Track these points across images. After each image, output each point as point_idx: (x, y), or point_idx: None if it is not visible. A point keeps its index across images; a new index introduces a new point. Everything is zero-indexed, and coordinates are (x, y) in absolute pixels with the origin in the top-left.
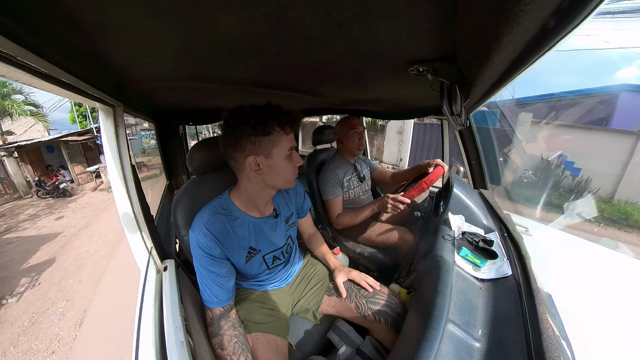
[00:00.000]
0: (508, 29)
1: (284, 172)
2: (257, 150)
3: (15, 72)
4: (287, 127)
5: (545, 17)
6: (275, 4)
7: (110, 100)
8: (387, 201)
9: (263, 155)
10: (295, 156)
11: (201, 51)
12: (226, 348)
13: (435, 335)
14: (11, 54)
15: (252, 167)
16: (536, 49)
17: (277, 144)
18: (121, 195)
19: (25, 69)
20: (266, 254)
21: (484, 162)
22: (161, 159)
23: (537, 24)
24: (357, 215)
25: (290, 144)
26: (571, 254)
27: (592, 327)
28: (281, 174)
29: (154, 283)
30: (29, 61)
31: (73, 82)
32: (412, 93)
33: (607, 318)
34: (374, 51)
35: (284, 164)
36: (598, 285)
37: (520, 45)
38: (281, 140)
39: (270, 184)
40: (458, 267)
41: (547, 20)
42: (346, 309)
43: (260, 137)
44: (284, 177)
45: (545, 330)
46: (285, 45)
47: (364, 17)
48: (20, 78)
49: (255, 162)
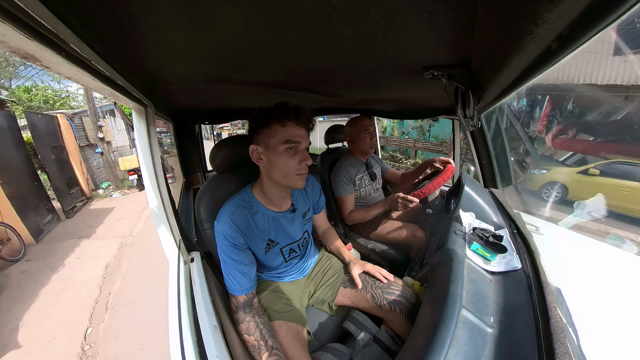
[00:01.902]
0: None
1: (282, 166)
2: (258, 140)
3: (83, 74)
4: (285, 120)
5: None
6: (312, 17)
7: (144, 100)
8: (397, 199)
9: (263, 146)
10: (300, 153)
11: (230, 56)
12: (253, 334)
13: (451, 319)
14: (88, 58)
15: (255, 157)
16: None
17: (273, 135)
18: (152, 191)
19: (93, 72)
20: (284, 246)
21: (495, 162)
22: (178, 157)
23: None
24: (368, 212)
25: (287, 136)
26: (580, 252)
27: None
28: (279, 167)
29: (184, 273)
30: (99, 65)
31: (124, 85)
32: (425, 94)
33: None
34: (394, 58)
35: (283, 158)
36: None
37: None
38: (277, 132)
39: (272, 178)
40: (469, 260)
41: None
42: (362, 300)
43: (260, 128)
44: (282, 171)
45: (553, 317)
46: (312, 53)
47: (389, 29)
48: (83, 80)
49: (257, 151)
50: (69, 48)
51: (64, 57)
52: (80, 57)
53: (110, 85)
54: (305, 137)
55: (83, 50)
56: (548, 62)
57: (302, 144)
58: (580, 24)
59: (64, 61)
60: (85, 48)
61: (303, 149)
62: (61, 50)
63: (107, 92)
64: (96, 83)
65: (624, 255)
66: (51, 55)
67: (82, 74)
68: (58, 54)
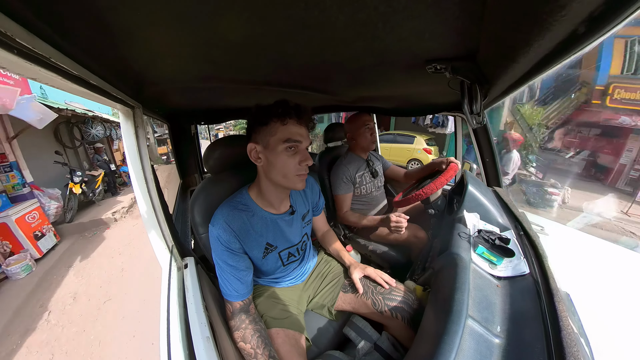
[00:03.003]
0: (539, 36)
1: (282, 166)
2: (257, 139)
3: (47, 73)
4: (286, 118)
5: (576, 24)
6: (303, 4)
7: (130, 102)
8: (391, 221)
9: (262, 145)
10: (300, 153)
11: (218, 53)
12: (249, 341)
13: (456, 330)
14: (46, 55)
15: (253, 156)
16: (563, 52)
17: (273, 134)
18: (142, 195)
19: (57, 71)
20: (282, 250)
21: (498, 160)
22: (174, 158)
23: (567, 30)
24: (361, 221)
25: (287, 135)
26: (590, 254)
27: (610, 327)
28: (278, 167)
29: (176, 280)
30: (63, 63)
31: (99, 84)
32: (427, 90)
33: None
34: (394, 49)
35: (282, 158)
36: (618, 286)
37: (548, 49)
38: (277, 130)
39: (270, 178)
40: (474, 265)
41: (578, 27)
42: (362, 305)
43: (259, 126)
44: (281, 171)
45: (565, 327)
46: (305, 45)
47: (389, 17)
48: (51, 80)
49: (255, 150)
50: (18, 44)
51: (17, 54)
52: (35, 54)
53: (83, 85)
54: (306, 137)
55: (37, 47)
56: (571, 49)
57: (303, 143)
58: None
59: (19, 59)
60: (41, 43)
61: (303, 148)
62: (10, 48)
63: (82, 93)
64: (66, 84)
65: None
66: (1, 52)
67: (46, 73)
68: (8, 51)
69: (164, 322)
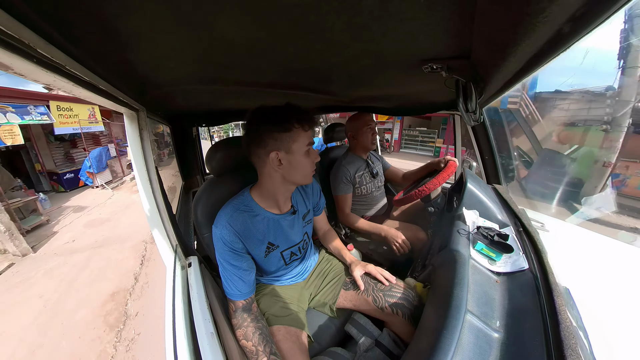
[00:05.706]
0: (526, 36)
1: (303, 167)
2: (278, 146)
3: (61, 80)
4: (305, 124)
5: (561, 24)
6: (300, 9)
7: (135, 105)
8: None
9: (284, 151)
10: (313, 152)
11: (221, 56)
12: (251, 339)
13: (456, 325)
14: (61, 63)
15: (275, 163)
16: (551, 51)
17: (296, 140)
18: (147, 196)
19: (71, 77)
20: (284, 249)
21: (497, 157)
22: (177, 160)
23: (553, 30)
24: (363, 226)
25: (308, 140)
26: (589, 249)
27: (609, 320)
28: (300, 169)
29: (181, 278)
30: (76, 70)
31: (107, 89)
32: (424, 90)
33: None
34: (390, 50)
35: (303, 160)
36: (617, 280)
37: (536, 48)
38: (300, 137)
39: (289, 179)
40: (474, 261)
41: (562, 27)
42: (363, 303)
43: (281, 133)
44: (303, 172)
45: (563, 321)
46: (305, 48)
47: (384, 21)
48: (63, 86)
49: (277, 157)
50: (38, 54)
51: (36, 63)
52: (52, 62)
53: (93, 90)
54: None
55: (55, 55)
56: (558, 47)
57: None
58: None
59: (37, 68)
60: (57, 52)
61: (312, 147)
62: (31, 57)
63: (91, 97)
64: (78, 90)
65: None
66: (21, 62)
67: (60, 80)
68: (29, 60)
69: (169, 319)
